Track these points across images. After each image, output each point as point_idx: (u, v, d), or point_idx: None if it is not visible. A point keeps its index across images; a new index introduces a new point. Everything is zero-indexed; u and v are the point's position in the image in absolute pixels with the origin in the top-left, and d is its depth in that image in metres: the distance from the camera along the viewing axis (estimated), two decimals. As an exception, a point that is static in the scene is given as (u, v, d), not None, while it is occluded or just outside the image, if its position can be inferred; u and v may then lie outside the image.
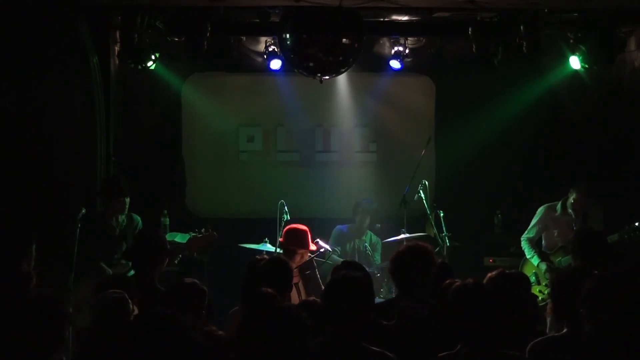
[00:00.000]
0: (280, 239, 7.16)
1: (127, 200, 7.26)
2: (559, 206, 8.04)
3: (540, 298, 7.73)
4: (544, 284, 7.89)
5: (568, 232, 7.79)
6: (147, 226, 7.46)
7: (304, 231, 6.97)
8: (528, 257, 8.12)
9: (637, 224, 7.45)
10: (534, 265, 8.04)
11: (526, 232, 8.21)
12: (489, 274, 4.76)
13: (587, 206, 7.91)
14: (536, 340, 4.27)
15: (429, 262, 5.13)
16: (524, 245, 8.17)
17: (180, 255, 6.77)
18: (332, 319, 3.96)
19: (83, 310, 5.62)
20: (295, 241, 6.75)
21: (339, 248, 8.93)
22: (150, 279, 5.75)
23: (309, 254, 6.90)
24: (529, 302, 4.83)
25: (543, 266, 7.93)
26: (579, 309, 4.01)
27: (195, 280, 4.99)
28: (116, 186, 7.30)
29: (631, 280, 4.03)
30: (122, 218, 7.24)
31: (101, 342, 4.48)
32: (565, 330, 4.25)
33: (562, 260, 7.82)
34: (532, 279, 7.89)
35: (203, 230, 7.01)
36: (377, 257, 8.92)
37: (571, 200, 7.92)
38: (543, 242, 8.20)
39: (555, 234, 8.02)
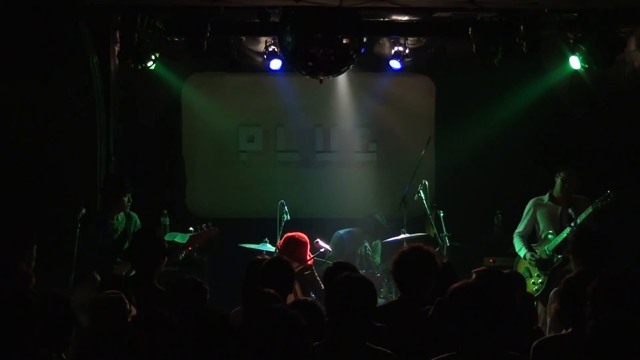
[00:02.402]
0: (279, 244, 7.14)
1: (129, 196, 7.24)
2: (546, 197, 8.09)
3: (534, 289, 7.76)
4: (535, 274, 7.91)
5: (554, 221, 7.89)
6: (146, 226, 7.45)
7: (303, 244, 6.92)
8: (517, 250, 8.15)
9: (608, 191, 7.49)
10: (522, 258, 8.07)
11: (517, 227, 8.24)
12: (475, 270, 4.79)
13: (575, 193, 7.91)
14: (540, 340, 4.26)
15: (430, 264, 5.11)
16: (515, 240, 8.18)
17: (184, 253, 6.76)
18: (336, 319, 3.96)
19: (83, 310, 5.61)
20: (293, 254, 6.68)
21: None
22: (149, 279, 5.74)
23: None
24: (524, 300, 4.83)
25: (528, 255, 7.97)
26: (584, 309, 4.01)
27: (196, 278, 4.99)
28: (119, 185, 7.27)
29: (635, 279, 4.03)
30: (121, 216, 7.23)
31: (98, 343, 4.47)
32: (570, 330, 4.25)
33: (547, 247, 7.84)
34: (526, 274, 7.92)
35: (204, 226, 6.99)
36: (377, 258, 8.91)
37: (558, 183, 7.94)
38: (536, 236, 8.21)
39: (543, 225, 8.03)
